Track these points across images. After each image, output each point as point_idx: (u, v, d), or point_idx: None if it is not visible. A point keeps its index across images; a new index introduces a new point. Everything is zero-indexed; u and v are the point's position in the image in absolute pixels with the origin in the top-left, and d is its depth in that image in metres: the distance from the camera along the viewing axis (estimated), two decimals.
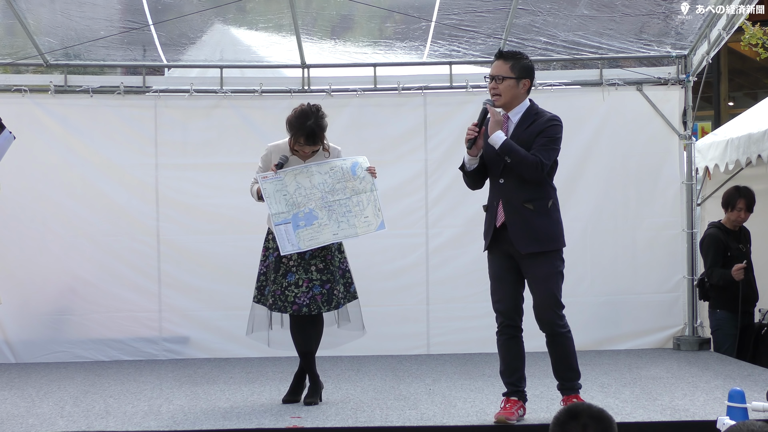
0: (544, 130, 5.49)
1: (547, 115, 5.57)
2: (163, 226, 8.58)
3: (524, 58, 5.65)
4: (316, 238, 6.11)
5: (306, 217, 6.13)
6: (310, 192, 6.15)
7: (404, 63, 8.94)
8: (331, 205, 6.17)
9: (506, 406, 5.54)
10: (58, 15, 8.37)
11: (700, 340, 8.54)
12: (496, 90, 5.56)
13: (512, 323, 5.57)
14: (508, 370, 5.63)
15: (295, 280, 6.12)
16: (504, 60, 5.58)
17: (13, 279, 8.42)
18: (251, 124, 8.63)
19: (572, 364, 5.60)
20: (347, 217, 6.18)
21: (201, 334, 8.56)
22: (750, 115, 9.15)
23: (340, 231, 6.15)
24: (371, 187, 6.26)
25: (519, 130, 5.53)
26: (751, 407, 5.09)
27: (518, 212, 5.48)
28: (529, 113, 5.56)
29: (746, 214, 8.10)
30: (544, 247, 5.49)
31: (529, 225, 5.48)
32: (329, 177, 6.18)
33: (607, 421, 2.94)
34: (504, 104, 5.57)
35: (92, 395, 6.69)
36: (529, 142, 5.47)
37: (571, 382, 5.61)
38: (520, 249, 5.48)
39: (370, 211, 6.24)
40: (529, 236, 5.47)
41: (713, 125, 16.43)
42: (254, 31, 9.02)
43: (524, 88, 5.58)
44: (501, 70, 5.56)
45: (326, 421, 5.65)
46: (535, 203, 5.49)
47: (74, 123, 8.58)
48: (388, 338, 8.46)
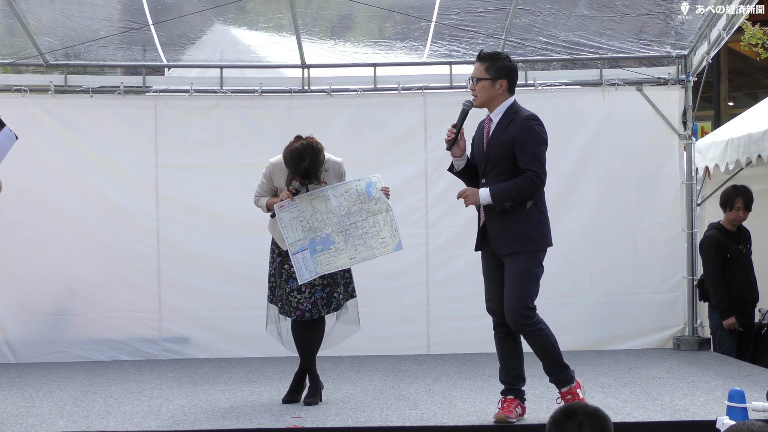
0: (524, 137, 5.43)
1: (524, 114, 5.53)
2: (163, 227, 8.57)
3: (502, 58, 5.62)
4: (333, 262, 6.13)
5: (323, 241, 6.13)
6: (327, 217, 6.16)
7: (404, 63, 8.94)
8: (347, 229, 6.17)
9: (504, 406, 5.54)
10: (58, 15, 8.38)
11: (700, 340, 8.54)
12: (474, 91, 5.59)
13: (503, 321, 5.56)
14: (504, 368, 5.64)
15: (296, 285, 6.15)
16: (481, 61, 5.59)
17: (13, 279, 8.43)
18: (251, 124, 8.63)
19: (553, 358, 5.50)
20: (364, 239, 6.18)
21: (201, 334, 8.56)
22: (750, 115, 9.15)
23: (357, 254, 6.16)
24: (386, 207, 6.24)
25: (498, 131, 5.52)
26: (751, 407, 5.09)
27: (496, 213, 5.49)
28: (508, 113, 5.54)
29: (745, 213, 8.09)
30: (519, 248, 5.46)
31: (506, 226, 5.47)
32: (344, 200, 6.19)
33: (602, 419, 2.96)
34: (481, 105, 5.59)
35: (92, 395, 6.69)
36: (507, 142, 5.46)
37: (557, 376, 5.54)
38: (496, 250, 5.51)
39: (387, 231, 6.22)
40: (506, 237, 5.47)
41: (713, 125, 16.43)
42: (254, 31, 9.02)
43: (501, 88, 5.55)
44: (477, 71, 5.59)
45: (326, 421, 5.65)
46: (513, 204, 5.46)
47: (74, 123, 8.58)
48: (388, 338, 8.46)
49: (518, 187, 5.41)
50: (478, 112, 5.69)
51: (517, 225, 5.45)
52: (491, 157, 5.49)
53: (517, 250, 5.44)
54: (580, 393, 5.55)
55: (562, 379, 5.54)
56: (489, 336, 5.61)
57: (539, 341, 5.47)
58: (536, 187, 5.43)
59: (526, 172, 5.41)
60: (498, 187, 5.44)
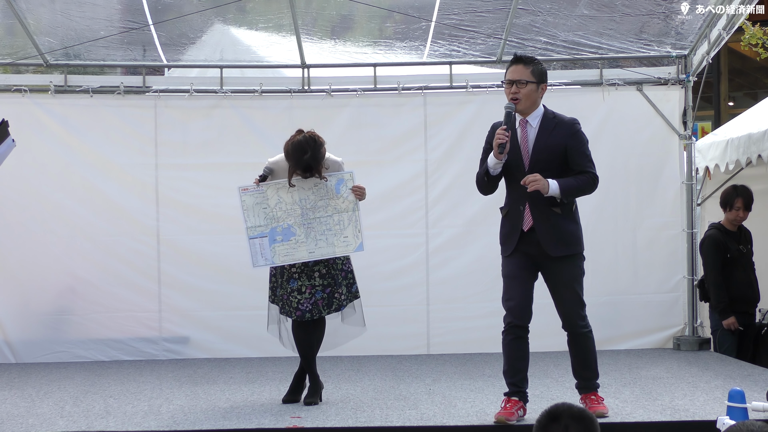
0: (575, 142, 5.56)
1: (566, 119, 5.65)
2: (163, 226, 8.58)
3: (541, 62, 5.73)
4: (292, 254, 6.12)
5: (284, 232, 6.13)
6: (291, 208, 6.15)
7: (404, 63, 8.94)
8: (310, 223, 6.15)
9: (506, 406, 5.55)
10: (58, 15, 8.38)
11: (700, 340, 8.54)
12: (516, 94, 5.58)
13: (520, 323, 5.59)
14: (512, 370, 5.64)
15: (297, 286, 6.15)
16: (524, 64, 5.63)
17: (13, 279, 8.43)
18: (251, 124, 8.63)
19: (590, 363, 5.70)
20: (326, 235, 6.16)
21: (201, 334, 8.56)
22: (750, 115, 9.15)
23: (317, 249, 6.14)
24: (353, 207, 6.23)
25: (542, 137, 5.57)
26: (751, 407, 5.09)
27: (546, 216, 5.54)
28: (547, 118, 5.63)
29: (744, 213, 8.09)
30: (571, 250, 5.61)
31: (558, 228, 5.56)
32: (312, 194, 6.18)
33: (588, 419, 2.96)
34: (523, 109, 5.61)
35: (92, 395, 6.69)
36: (556, 147, 5.53)
37: (587, 381, 5.70)
38: (550, 252, 5.54)
39: (350, 231, 6.21)
40: (558, 240, 5.55)
41: (713, 125, 16.43)
42: (254, 31, 9.02)
43: (542, 92, 5.65)
44: (522, 74, 5.59)
45: (326, 421, 5.65)
46: (563, 207, 5.57)
47: (74, 123, 8.58)
48: (388, 338, 8.46)
49: (581, 185, 5.54)
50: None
51: (568, 227, 5.59)
52: (538, 160, 5.53)
53: (570, 252, 5.59)
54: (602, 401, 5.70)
55: (591, 385, 5.71)
56: (489, 336, 5.64)
57: (588, 343, 5.68)
58: (594, 187, 5.61)
59: (585, 173, 5.56)
60: (564, 181, 5.49)
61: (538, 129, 5.59)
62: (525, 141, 5.58)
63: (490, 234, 8.57)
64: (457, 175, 8.60)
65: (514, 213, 5.61)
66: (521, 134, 5.60)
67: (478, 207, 8.58)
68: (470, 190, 8.64)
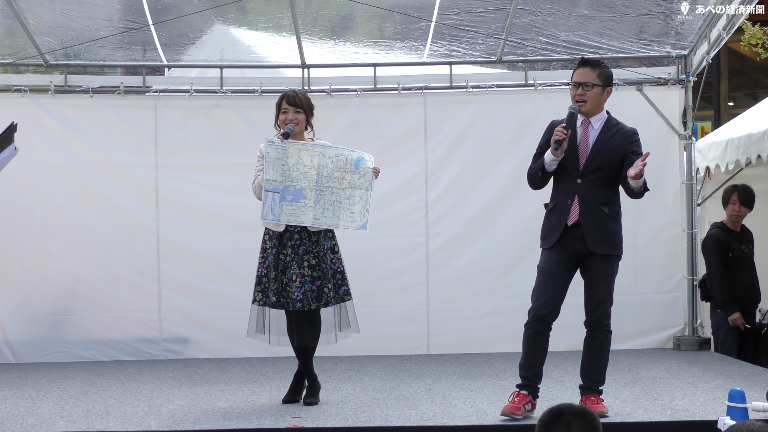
0: (637, 147, 5.67)
1: (627, 127, 5.76)
2: (163, 227, 8.57)
3: (607, 66, 5.83)
4: (297, 216, 6.13)
5: (295, 192, 6.15)
6: (307, 171, 6.18)
7: (404, 63, 8.94)
8: (322, 190, 6.18)
9: (514, 400, 5.59)
10: (58, 15, 8.38)
11: (700, 340, 8.54)
12: (583, 96, 5.70)
13: (546, 319, 5.65)
14: (527, 363, 5.68)
15: (290, 275, 6.12)
16: (591, 67, 5.74)
17: (13, 279, 8.43)
18: (251, 124, 8.63)
19: (602, 366, 5.76)
20: (334, 206, 6.18)
21: (201, 334, 8.56)
22: (750, 115, 9.16)
23: (323, 218, 6.16)
24: (368, 186, 6.25)
25: (603, 139, 5.67)
26: (751, 407, 5.10)
27: (594, 213, 5.63)
28: (610, 123, 5.75)
29: (742, 209, 8.10)
30: (613, 251, 5.71)
31: (604, 227, 5.65)
32: (331, 162, 6.21)
33: (589, 415, 3.02)
34: (588, 110, 5.71)
35: (92, 395, 6.69)
36: (613, 153, 5.64)
37: (594, 383, 5.74)
38: (594, 249, 5.61)
39: (358, 208, 6.24)
40: (603, 238, 5.65)
41: (713, 125, 16.43)
42: (254, 31, 9.02)
43: (607, 95, 5.76)
44: (589, 77, 5.71)
45: (326, 421, 5.65)
46: (610, 208, 5.68)
47: (74, 123, 8.58)
48: (388, 338, 8.46)
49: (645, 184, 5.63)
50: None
51: (613, 227, 5.71)
52: (595, 159, 5.64)
53: (612, 252, 5.70)
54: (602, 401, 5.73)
55: (595, 388, 5.73)
56: (489, 336, 5.64)
57: (606, 343, 5.75)
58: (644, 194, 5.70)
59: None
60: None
61: (599, 131, 5.70)
62: (585, 141, 5.69)
63: (490, 234, 8.66)
64: (457, 175, 8.60)
65: (561, 207, 5.68)
66: (582, 134, 5.70)
67: (478, 207, 8.59)
68: (470, 190, 8.72)
